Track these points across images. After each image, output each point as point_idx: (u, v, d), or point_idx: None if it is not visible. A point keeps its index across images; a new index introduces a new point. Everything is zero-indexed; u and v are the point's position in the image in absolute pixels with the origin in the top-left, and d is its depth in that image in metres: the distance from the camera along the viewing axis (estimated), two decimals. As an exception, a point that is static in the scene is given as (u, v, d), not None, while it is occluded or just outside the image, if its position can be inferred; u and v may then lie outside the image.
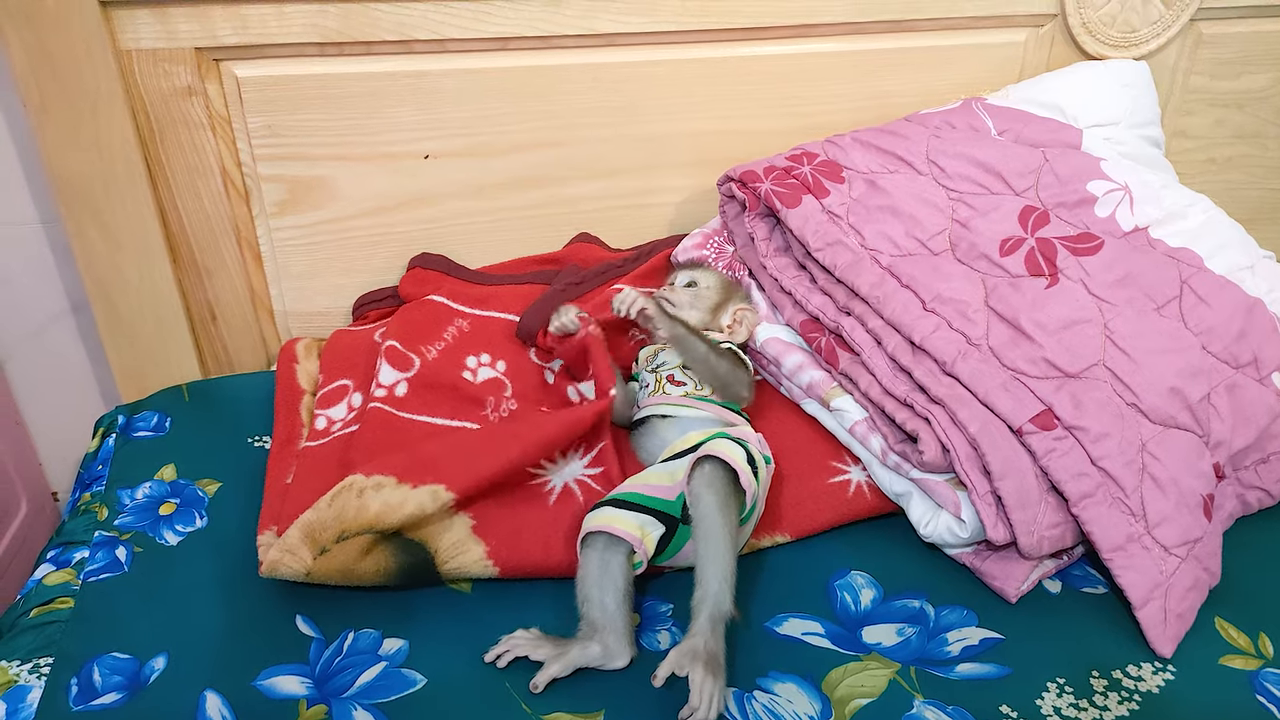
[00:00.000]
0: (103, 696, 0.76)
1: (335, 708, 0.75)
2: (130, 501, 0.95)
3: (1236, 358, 0.97)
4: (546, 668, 0.77)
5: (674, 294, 1.05)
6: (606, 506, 0.84)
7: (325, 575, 0.83)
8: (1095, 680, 0.79)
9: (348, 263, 1.20)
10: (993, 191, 1.07)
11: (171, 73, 1.04)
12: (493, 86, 1.13)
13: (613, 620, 0.79)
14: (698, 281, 1.06)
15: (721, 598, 0.77)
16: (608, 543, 0.81)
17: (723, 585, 0.77)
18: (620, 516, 0.82)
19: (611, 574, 0.81)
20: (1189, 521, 0.87)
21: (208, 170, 1.10)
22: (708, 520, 0.80)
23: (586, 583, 0.81)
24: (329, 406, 1.04)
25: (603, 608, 0.80)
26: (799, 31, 1.18)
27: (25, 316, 1.25)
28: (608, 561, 0.81)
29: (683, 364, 0.99)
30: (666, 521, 0.83)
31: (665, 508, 0.83)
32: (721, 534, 0.79)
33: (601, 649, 0.79)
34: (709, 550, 0.79)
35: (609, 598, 0.80)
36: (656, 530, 0.82)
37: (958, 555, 0.90)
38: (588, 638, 0.79)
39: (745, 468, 0.82)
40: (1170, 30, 1.25)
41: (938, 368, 0.93)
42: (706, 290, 1.06)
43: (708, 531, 0.79)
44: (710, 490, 0.81)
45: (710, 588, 0.77)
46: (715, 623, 0.76)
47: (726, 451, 0.82)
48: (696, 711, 0.72)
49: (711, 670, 0.73)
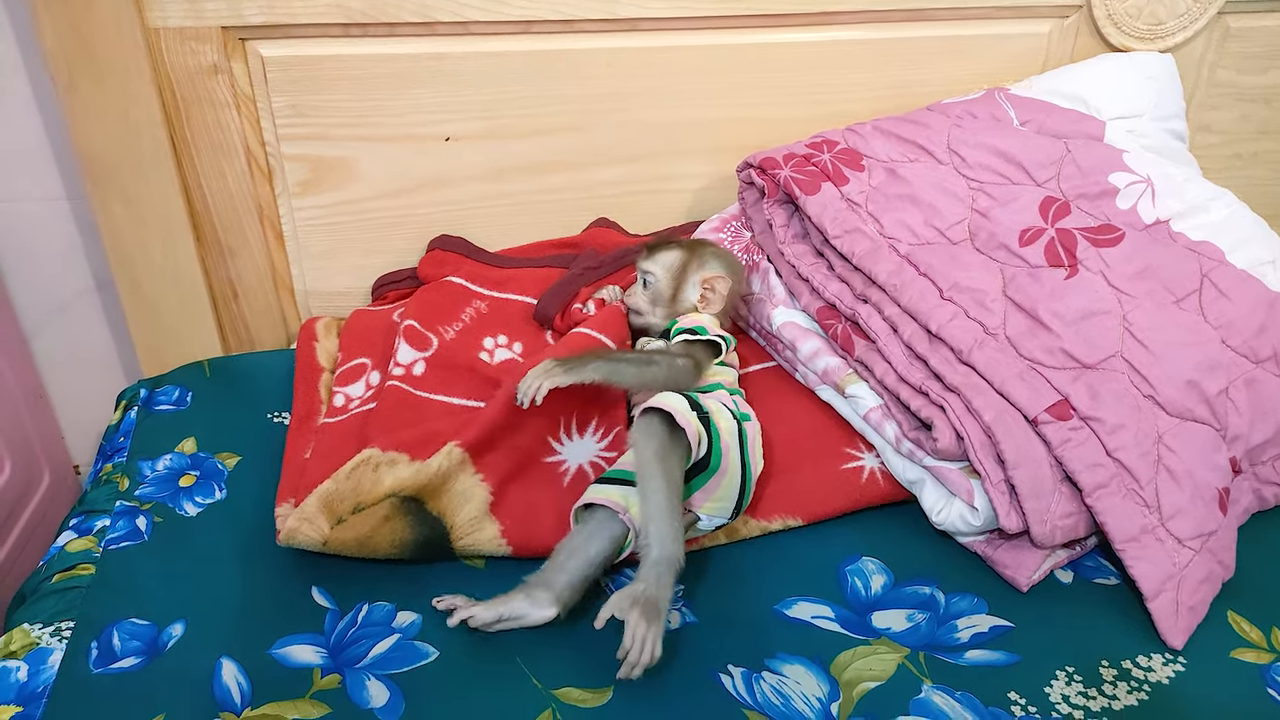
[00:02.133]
0: (121, 660, 0.77)
1: (349, 678, 0.76)
2: (151, 473, 0.97)
3: (1256, 352, 0.96)
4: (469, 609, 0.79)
5: (634, 299, 1.04)
6: (597, 483, 0.85)
7: (341, 545, 0.84)
8: (1105, 670, 0.79)
9: (368, 243, 1.21)
10: (1014, 182, 1.07)
11: (198, 51, 1.05)
12: (514, 70, 1.14)
13: (555, 577, 0.80)
14: (652, 274, 1.03)
15: (668, 548, 0.76)
16: (600, 521, 0.82)
17: (664, 531, 0.77)
18: (604, 489, 0.84)
19: (589, 545, 0.81)
20: (1203, 514, 0.86)
21: (232, 149, 1.11)
22: (645, 468, 0.80)
23: (570, 542, 0.82)
24: (347, 384, 1.05)
25: (555, 565, 0.81)
26: (820, 19, 1.17)
27: (51, 292, 1.27)
28: (592, 533, 0.82)
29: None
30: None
31: None
32: (660, 483, 0.78)
33: (526, 599, 0.79)
34: (647, 497, 0.79)
35: (573, 561, 0.81)
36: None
37: (970, 543, 0.90)
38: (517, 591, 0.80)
39: (685, 411, 0.81)
40: (1198, 23, 1.24)
41: (954, 356, 0.93)
42: (655, 281, 1.03)
43: (645, 478, 0.79)
44: (646, 438, 0.80)
45: (654, 537, 0.77)
46: (659, 569, 0.76)
47: (665, 401, 0.82)
48: (629, 654, 0.72)
49: (647, 615, 0.73)
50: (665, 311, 1.03)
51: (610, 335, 1.01)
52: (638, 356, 0.93)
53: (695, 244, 1.05)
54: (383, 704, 0.74)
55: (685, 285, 1.02)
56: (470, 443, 0.90)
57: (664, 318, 1.02)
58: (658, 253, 1.04)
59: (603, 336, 1.01)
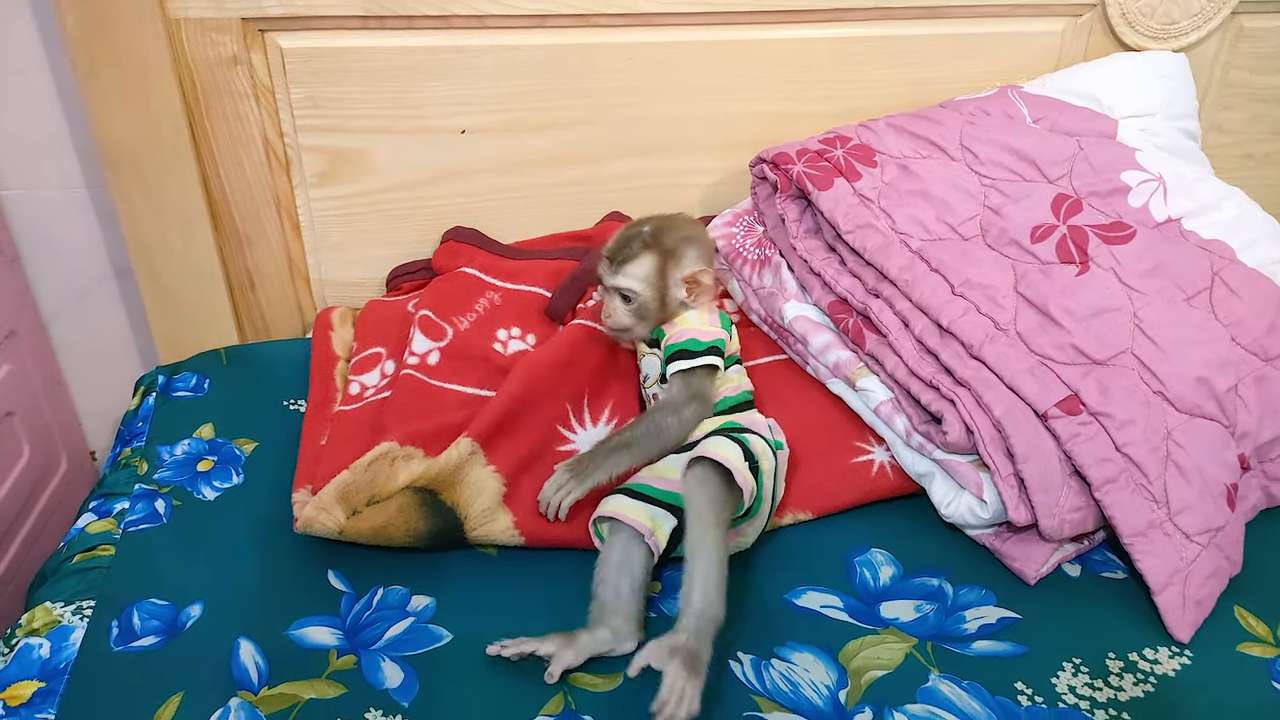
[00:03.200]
0: (141, 639, 0.78)
1: (364, 659, 0.78)
2: (169, 457, 0.98)
3: (1266, 350, 0.96)
4: (559, 657, 0.77)
5: (615, 319, 0.95)
6: (620, 495, 0.85)
7: (357, 534, 0.85)
8: (1111, 662, 0.80)
9: (383, 234, 1.22)
10: (1026, 179, 1.07)
11: (218, 42, 1.06)
12: (529, 63, 1.15)
13: (625, 605, 0.80)
14: (633, 291, 0.94)
15: (711, 604, 0.75)
16: (631, 535, 0.82)
17: (712, 590, 0.75)
18: (633, 506, 0.83)
19: (631, 563, 0.81)
20: (1211, 510, 0.87)
21: (250, 140, 1.13)
22: (698, 521, 0.78)
23: (606, 566, 0.82)
24: (363, 373, 1.06)
25: (616, 592, 0.80)
26: (834, 15, 1.18)
27: (70, 280, 1.28)
28: (629, 550, 0.82)
29: (659, 378, 0.95)
30: (678, 514, 0.83)
31: (676, 500, 0.83)
32: (711, 539, 0.77)
33: (610, 633, 0.79)
34: (697, 552, 0.77)
35: (624, 583, 0.81)
36: (668, 523, 0.83)
37: (978, 536, 0.91)
38: (596, 623, 0.79)
39: (740, 466, 0.80)
40: (1211, 23, 1.24)
41: (965, 351, 0.93)
42: (637, 297, 0.94)
43: (698, 533, 0.78)
44: (702, 489, 0.79)
45: (698, 590, 0.75)
46: (701, 623, 0.74)
47: (720, 452, 0.80)
48: (665, 707, 0.70)
49: (689, 667, 0.71)
50: (654, 321, 0.96)
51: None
52: (645, 430, 0.88)
53: (658, 239, 0.95)
54: (397, 685, 0.76)
55: (669, 289, 0.94)
56: (481, 434, 0.91)
57: (651, 327, 0.96)
58: (627, 265, 0.93)
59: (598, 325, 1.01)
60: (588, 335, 1.02)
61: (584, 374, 1.01)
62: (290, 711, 0.73)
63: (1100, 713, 0.75)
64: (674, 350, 0.92)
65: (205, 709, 0.73)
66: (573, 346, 1.00)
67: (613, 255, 0.95)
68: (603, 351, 1.02)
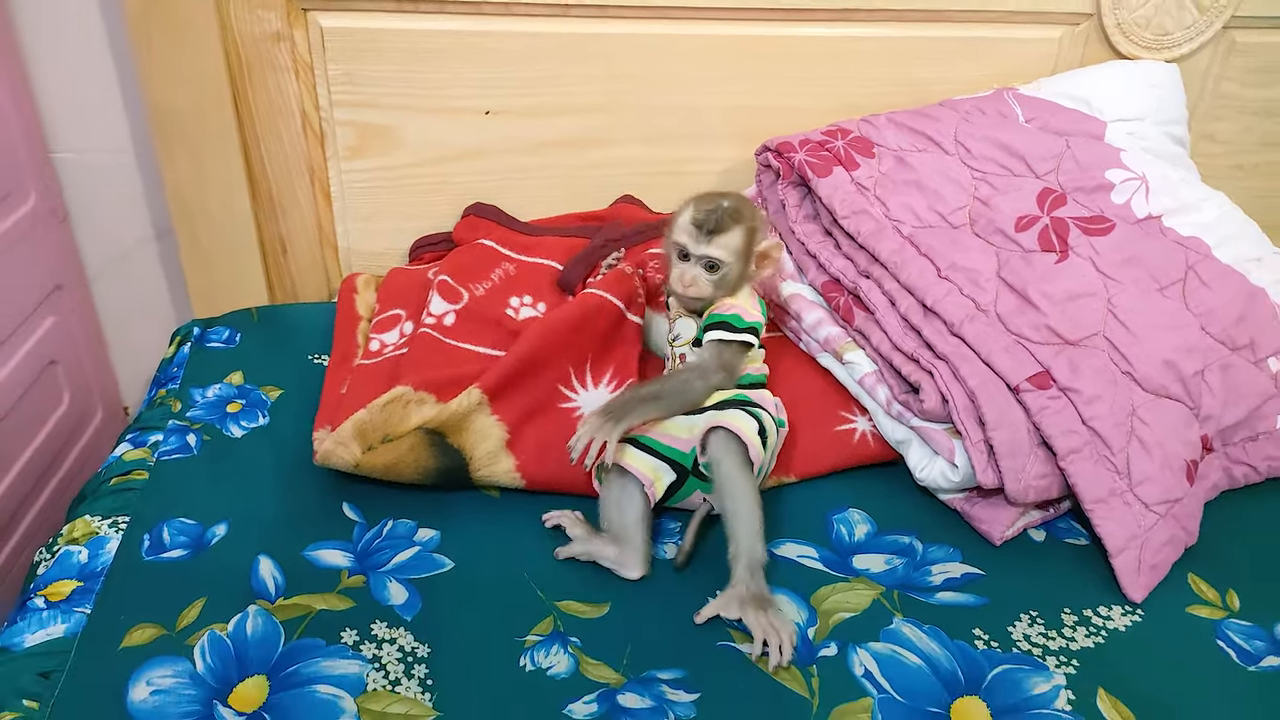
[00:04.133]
0: (170, 551, 0.86)
1: (372, 579, 0.85)
2: (201, 399, 1.06)
3: (1234, 340, 1.02)
4: (570, 545, 0.87)
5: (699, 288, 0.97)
6: (626, 444, 0.91)
7: (371, 468, 0.92)
8: (1066, 616, 0.85)
9: (408, 207, 1.30)
10: (1015, 173, 1.13)
11: (264, 19, 1.14)
12: (552, 50, 1.22)
13: (631, 536, 0.87)
14: (721, 262, 0.96)
15: (755, 550, 0.84)
16: (627, 490, 0.89)
17: (754, 538, 0.84)
18: (637, 456, 0.90)
19: (630, 496, 0.88)
20: (1170, 483, 0.92)
21: (289, 112, 1.21)
22: (730, 482, 0.86)
23: (608, 503, 0.89)
24: (383, 332, 1.13)
25: (622, 525, 0.88)
26: (841, 15, 1.25)
27: (114, 239, 1.36)
28: (625, 485, 0.89)
29: (692, 341, 0.99)
30: (678, 470, 0.90)
31: (679, 458, 0.90)
32: (745, 493, 0.85)
33: (616, 553, 0.87)
34: (737, 509, 0.85)
35: (628, 516, 0.88)
36: (668, 476, 0.90)
37: (949, 500, 0.96)
38: (609, 541, 0.88)
39: (754, 440, 0.87)
40: (1203, 35, 1.30)
41: (946, 328, 0.99)
42: (726, 268, 0.96)
43: (732, 492, 0.86)
44: (728, 454, 0.87)
45: (744, 543, 0.84)
46: (753, 569, 0.83)
47: (738, 425, 0.87)
48: (769, 640, 0.78)
49: (762, 607, 0.80)
50: (728, 291, 0.98)
51: (617, 294, 1.07)
52: (674, 387, 0.93)
53: (743, 215, 0.97)
54: (402, 602, 0.82)
55: (749, 262, 0.99)
56: (489, 387, 0.97)
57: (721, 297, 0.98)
58: (720, 236, 0.95)
59: (609, 295, 1.07)
60: (598, 304, 1.08)
61: (590, 339, 1.07)
62: (303, 620, 0.80)
63: (1051, 659, 0.81)
64: (717, 320, 0.96)
65: (226, 613, 0.80)
66: (583, 313, 1.05)
67: (702, 225, 0.95)
68: (610, 320, 1.08)
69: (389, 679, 0.76)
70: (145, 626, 0.78)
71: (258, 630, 0.78)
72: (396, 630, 0.80)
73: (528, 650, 0.79)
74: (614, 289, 1.07)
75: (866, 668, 0.79)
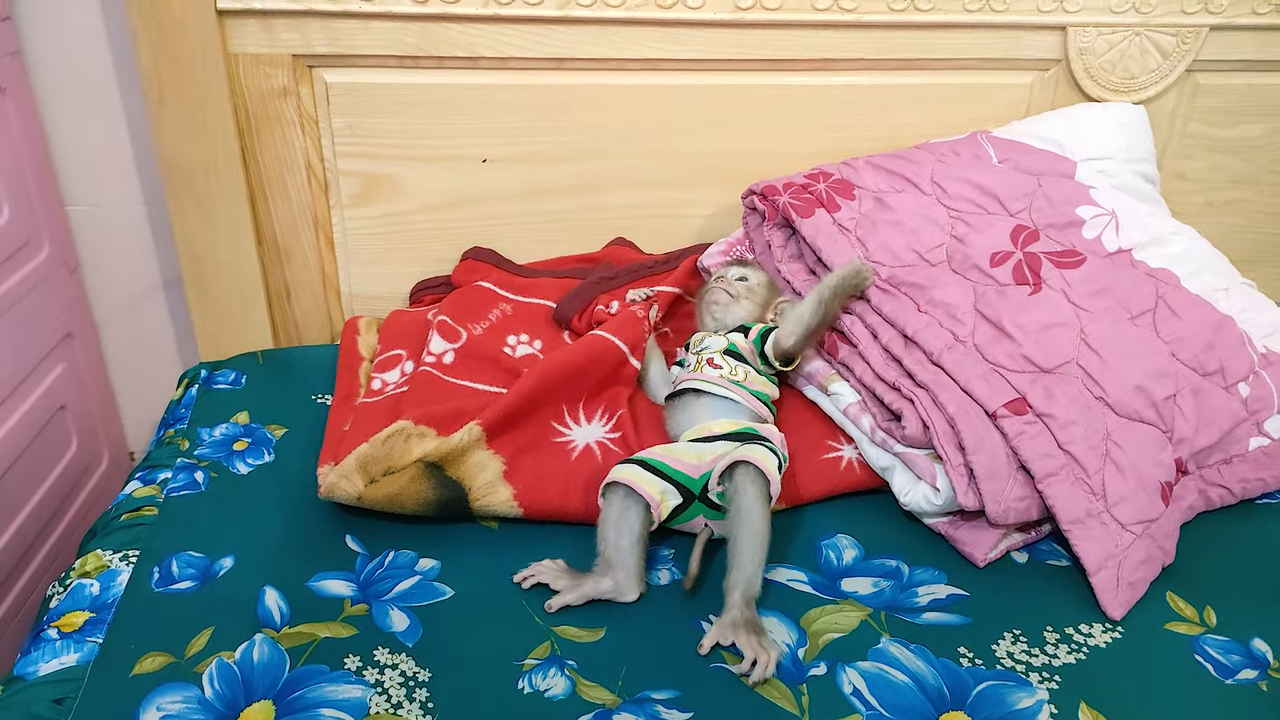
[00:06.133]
0: (179, 583, 0.89)
1: (375, 607, 0.87)
2: (208, 438, 1.09)
3: (1204, 365, 1.06)
4: (562, 595, 0.89)
5: (730, 285, 1.15)
6: (634, 465, 0.94)
7: (373, 501, 0.95)
8: (1048, 633, 0.88)
9: (409, 252, 1.35)
10: (989, 212, 1.18)
11: (271, 75, 1.20)
12: (547, 101, 1.28)
13: (624, 559, 0.90)
14: (748, 278, 1.16)
15: (754, 582, 0.87)
16: (627, 494, 0.92)
17: (755, 570, 0.87)
18: (645, 477, 0.93)
19: (629, 520, 0.91)
20: (1145, 503, 0.95)
21: (295, 163, 1.26)
22: (749, 515, 0.89)
23: (606, 524, 0.92)
24: (384, 371, 1.17)
25: (618, 547, 0.90)
26: (821, 65, 1.31)
27: (124, 288, 1.41)
28: (627, 509, 0.91)
29: (723, 350, 1.08)
30: (685, 495, 0.93)
31: (688, 483, 0.93)
32: (760, 529, 0.89)
33: (613, 583, 0.89)
34: (748, 540, 0.88)
35: (624, 539, 0.90)
36: (674, 500, 0.93)
37: (934, 524, 0.99)
38: (602, 573, 0.90)
39: (776, 477, 0.92)
40: (1168, 79, 1.36)
41: (926, 358, 1.03)
42: (757, 287, 1.16)
43: (749, 525, 0.89)
44: (751, 487, 0.90)
45: (745, 572, 0.87)
46: (748, 600, 0.86)
47: (764, 461, 0.92)
48: (756, 665, 0.81)
49: (754, 632, 0.84)
50: (751, 310, 1.14)
51: (624, 338, 1.12)
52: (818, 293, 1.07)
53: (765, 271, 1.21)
54: (403, 629, 0.85)
55: (771, 302, 1.16)
56: (489, 424, 1.01)
57: (739, 317, 1.13)
58: (749, 267, 1.20)
59: (616, 339, 1.12)
60: (604, 348, 1.11)
61: (591, 381, 1.11)
62: (308, 647, 0.82)
63: (1034, 675, 0.83)
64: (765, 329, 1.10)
65: (233, 641, 0.82)
66: (588, 358, 1.09)
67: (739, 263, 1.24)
68: (612, 363, 1.11)
69: (391, 703, 0.78)
70: (155, 655, 0.81)
71: (264, 657, 0.81)
72: (398, 656, 0.82)
73: (526, 673, 0.81)
74: (621, 332, 1.12)
75: (855, 686, 0.81)
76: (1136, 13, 1.31)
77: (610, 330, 1.13)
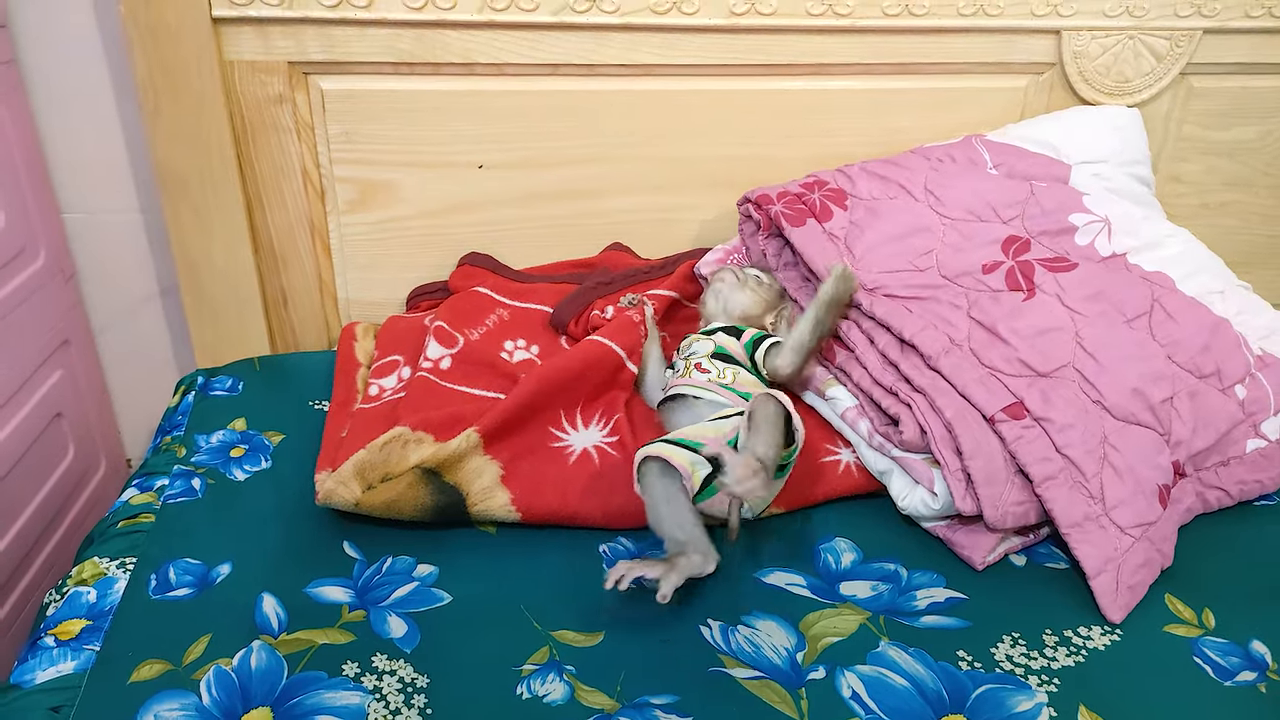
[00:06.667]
0: (176, 590, 0.88)
1: (373, 613, 0.87)
2: (205, 445, 1.09)
3: (1200, 368, 1.06)
4: (665, 579, 0.85)
5: (740, 271, 1.17)
6: (662, 442, 0.93)
7: (371, 507, 0.95)
8: (1047, 636, 0.88)
9: (406, 258, 1.35)
10: (982, 220, 1.18)
11: (267, 82, 1.20)
12: (542, 107, 1.28)
13: (693, 534, 0.88)
14: (762, 278, 1.18)
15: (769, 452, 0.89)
16: (662, 472, 0.90)
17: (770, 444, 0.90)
18: (675, 450, 0.92)
19: (676, 499, 0.90)
20: (1144, 506, 0.95)
21: (291, 170, 1.26)
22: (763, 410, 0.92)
23: (658, 512, 0.90)
24: (382, 377, 1.17)
25: (681, 527, 0.89)
26: (817, 69, 1.31)
27: (120, 295, 1.41)
28: (668, 488, 0.90)
29: (709, 354, 1.08)
30: (713, 464, 0.91)
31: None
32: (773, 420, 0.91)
33: (700, 558, 0.88)
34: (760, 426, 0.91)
35: (684, 517, 0.89)
36: (703, 470, 0.91)
37: (932, 528, 0.99)
38: (680, 552, 0.88)
39: (794, 413, 0.94)
40: (1162, 82, 1.37)
41: (923, 362, 1.03)
42: (768, 285, 1.18)
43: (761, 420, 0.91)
44: (770, 403, 0.92)
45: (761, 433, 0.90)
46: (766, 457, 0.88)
47: (781, 397, 0.94)
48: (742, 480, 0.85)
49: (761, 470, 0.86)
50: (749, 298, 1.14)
51: (621, 343, 1.13)
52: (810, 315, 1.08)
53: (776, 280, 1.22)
54: (401, 635, 0.85)
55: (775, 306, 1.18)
56: (486, 430, 1.01)
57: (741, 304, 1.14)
58: (767, 273, 1.21)
59: (613, 344, 1.12)
60: (601, 353, 1.11)
61: (588, 385, 1.11)
62: (305, 654, 0.82)
63: (1033, 678, 0.83)
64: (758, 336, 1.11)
65: (230, 648, 0.82)
66: (585, 363, 1.10)
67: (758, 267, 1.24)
68: (610, 368, 1.12)
69: (389, 709, 0.78)
70: (152, 662, 0.80)
71: (262, 664, 0.81)
72: (396, 662, 0.82)
73: (524, 679, 0.81)
74: (619, 337, 1.12)
75: (854, 690, 0.81)
76: (1130, 16, 1.32)
77: (607, 335, 1.14)
